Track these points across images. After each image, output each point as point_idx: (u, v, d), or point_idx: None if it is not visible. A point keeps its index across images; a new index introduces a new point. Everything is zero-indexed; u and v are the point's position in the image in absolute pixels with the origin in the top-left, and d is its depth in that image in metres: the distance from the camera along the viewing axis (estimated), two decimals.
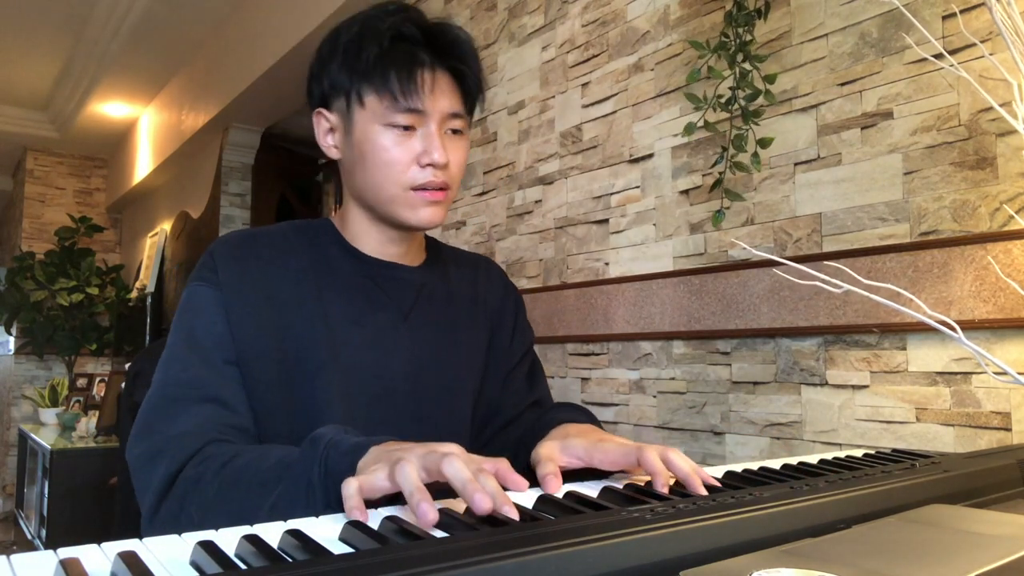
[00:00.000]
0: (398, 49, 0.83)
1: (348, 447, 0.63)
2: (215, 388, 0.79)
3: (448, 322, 0.95)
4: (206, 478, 0.70)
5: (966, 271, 1.25)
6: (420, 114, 0.84)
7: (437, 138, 0.84)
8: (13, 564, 0.41)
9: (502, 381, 1.00)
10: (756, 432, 1.58)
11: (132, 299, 5.74)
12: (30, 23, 4.29)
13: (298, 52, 3.46)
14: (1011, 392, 1.20)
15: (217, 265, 0.85)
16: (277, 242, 0.89)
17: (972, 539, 0.46)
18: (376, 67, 0.83)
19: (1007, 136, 1.23)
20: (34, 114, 5.87)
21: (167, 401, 0.78)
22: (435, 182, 0.85)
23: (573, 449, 0.74)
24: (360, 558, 0.40)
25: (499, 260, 2.34)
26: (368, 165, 0.86)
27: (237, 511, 0.67)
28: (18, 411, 5.89)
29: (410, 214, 0.86)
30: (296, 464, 0.66)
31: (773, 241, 1.57)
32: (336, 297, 0.88)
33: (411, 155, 0.84)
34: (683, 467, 0.65)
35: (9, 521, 5.24)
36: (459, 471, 0.55)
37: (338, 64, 0.86)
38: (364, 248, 0.92)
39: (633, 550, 0.42)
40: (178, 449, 0.74)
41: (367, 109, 0.85)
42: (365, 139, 0.85)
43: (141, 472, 0.75)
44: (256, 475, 0.68)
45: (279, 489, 0.65)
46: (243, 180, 4.65)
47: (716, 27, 1.68)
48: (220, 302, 0.83)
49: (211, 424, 0.76)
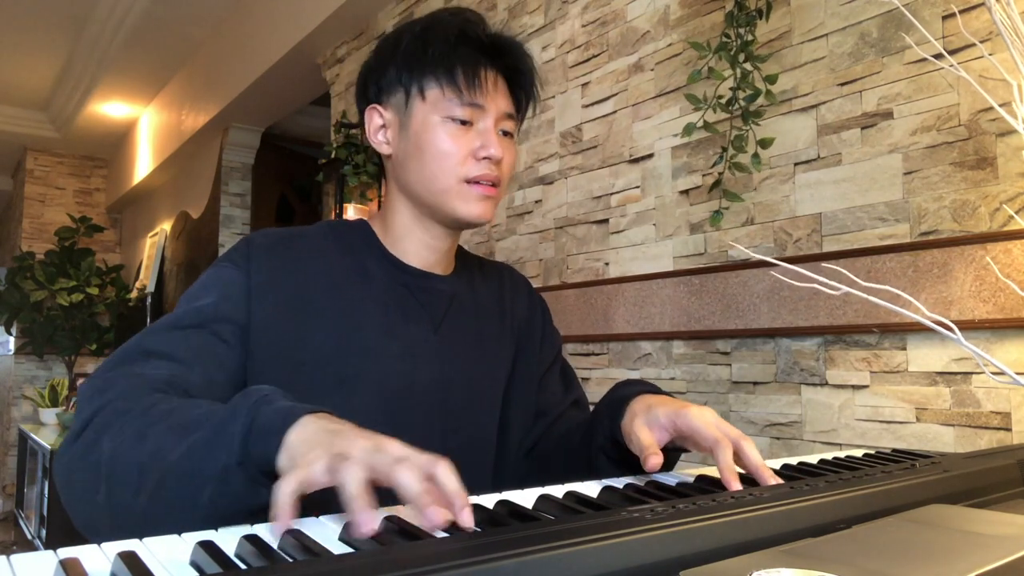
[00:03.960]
0: (463, 47, 0.86)
1: (282, 407, 0.60)
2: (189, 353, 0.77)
3: (475, 333, 0.96)
4: (132, 413, 0.67)
5: (966, 271, 1.25)
6: (480, 109, 0.86)
7: (493, 133, 0.87)
8: (13, 564, 0.41)
9: (537, 386, 1.01)
10: (756, 432, 1.58)
11: (132, 299, 5.74)
12: (30, 23, 4.29)
13: (298, 52, 3.46)
14: (1011, 392, 1.20)
15: (252, 254, 0.85)
16: (314, 244, 0.89)
17: (972, 539, 0.46)
18: (442, 61, 0.85)
19: (1007, 136, 1.23)
20: (34, 114, 5.88)
21: (138, 350, 0.77)
22: (489, 176, 0.86)
23: (658, 420, 0.74)
24: (360, 558, 0.40)
25: (499, 260, 2.34)
26: (425, 156, 0.87)
27: (151, 451, 0.63)
28: (18, 411, 5.89)
29: (463, 207, 0.87)
30: (220, 412, 0.63)
31: (773, 241, 1.57)
32: (371, 306, 0.88)
33: (468, 148, 0.86)
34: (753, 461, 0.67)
35: (9, 521, 5.24)
36: (411, 483, 0.50)
37: (401, 60, 0.88)
38: (402, 254, 0.92)
39: (633, 550, 0.42)
40: (123, 388, 0.72)
41: (427, 102, 0.87)
42: (424, 130, 0.87)
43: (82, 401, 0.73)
44: (179, 419, 0.64)
45: (196, 436, 0.61)
46: (243, 180, 4.65)
47: (716, 27, 1.68)
48: (243, 287, 0.83)
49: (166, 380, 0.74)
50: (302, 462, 0.54)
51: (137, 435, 0.65)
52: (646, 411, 0.76)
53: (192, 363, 0.77)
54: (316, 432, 0.57)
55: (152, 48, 4.53)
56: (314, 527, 0.52)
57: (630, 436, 0.76)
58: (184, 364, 0.77)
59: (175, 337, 0.78)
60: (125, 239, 6.68)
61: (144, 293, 5.46)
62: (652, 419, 0.75)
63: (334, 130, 3.20)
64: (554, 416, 0.99)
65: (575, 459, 0.87)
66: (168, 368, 0.75)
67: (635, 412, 0.78)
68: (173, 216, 5.42)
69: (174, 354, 0.77)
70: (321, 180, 3.27)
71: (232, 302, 0.82)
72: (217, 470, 0.59)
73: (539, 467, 0.96)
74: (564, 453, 0.92)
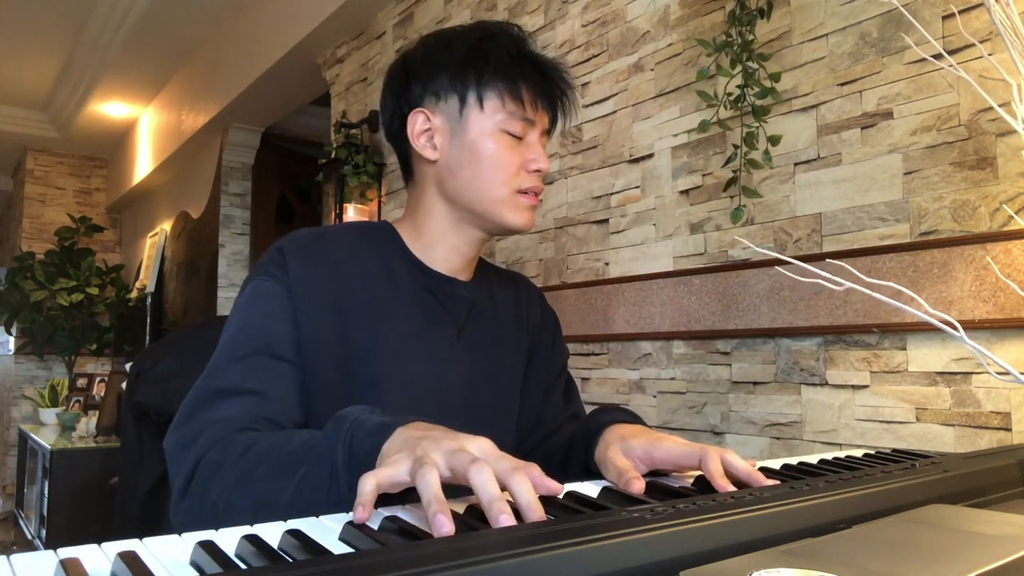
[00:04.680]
0: (523, 63, 0.89)
1: (373, 426, 0.62)
2: (256, 382, 0.79)
3: (494, 340, 0.98)
4: (228, 462, 0.69)
5: (966, 271, 1.25)
6: (531, 125, 0.90)
7: (542, 148, 0.91)
8: (13, 564, 0.41)
9: (542, 395, 1.03)
10: (756, 432, 1.58)
11: (132, 299, 5.73)
12: (30, 23, 4.29)
13: (298, 52, 3.46)
14: (1011, 392, 1.20)
15: (287, 263, 0.85)
16: (345, 245, 0.90)
17: (972, 539, 0.46)
18: (507, 75, 0.88)
19: (1007, 136, 1.23)
20: (34, 114, 5.87)
21: (209, 392, 0.79)
22: (538, 187, 0.91)
23: (633, 451, 0.74)
24: (360, 558, 0.40)
25: (499, 260, 2.34)
26: (482, 165, 0.89)
27: (259, 496, 0.66)
28: (18, 411, 5.89)
29: (513, 216, 0.90)
30: (319, 445, 0.65)
31: (773, 241, 1.57)
32: (398, 309, 0.89)
33: (520, 160, 0.89)
34: (742, 467, 0.67)
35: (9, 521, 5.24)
36: (487, 484, 0.51)
37: (458, 67, 0.89)
38: (428, 259, 0.94)
39: (633, 550, 0.42)
40: (208, 436, 0.73)
41: (485, 112, 0.88)
42: (480, 139, 0.88)
43: (174, 459, 0.75)
44: (278, 458, 0.67)
45: (301, 472, 0.64)
46: (243, 180, 4.65)
47: (716, 27, 1.68)
48: (286, 300, 0.84)
49: (247, 415, 0.76)
50: (388, 462, 0.57)
51: (241, 482, 0.67)
52: (620, 440, 0.77)
53: (264, 391, 0.79)
54: (405, 439, 0.59)
55: (152, 48, 4.53)
56: (314, 527, 0.52)
57: (605, 465, 0.76)
58: (258, 395, 0.79)
59: (240, 369, 0.80)
60: (125, 239, 6.68)
61: (144, 293, 5.46)
62: (627, 449, 0.75)
63: (334, 130, 3.20)
64: (551, 428, 1.01)
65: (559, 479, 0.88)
66: (245, 403, 0.77)
67: (608, 442, 0.78)
68: (173, 216, 5.41)
69: (246, 387, 0.79)
70: (321, 180, 3.27)
71: (280, 319, 0.83)
72: (330, 503, 0.61)
73: None
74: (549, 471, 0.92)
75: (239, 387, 0.78)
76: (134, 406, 1.11)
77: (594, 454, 0.80)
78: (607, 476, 0.75)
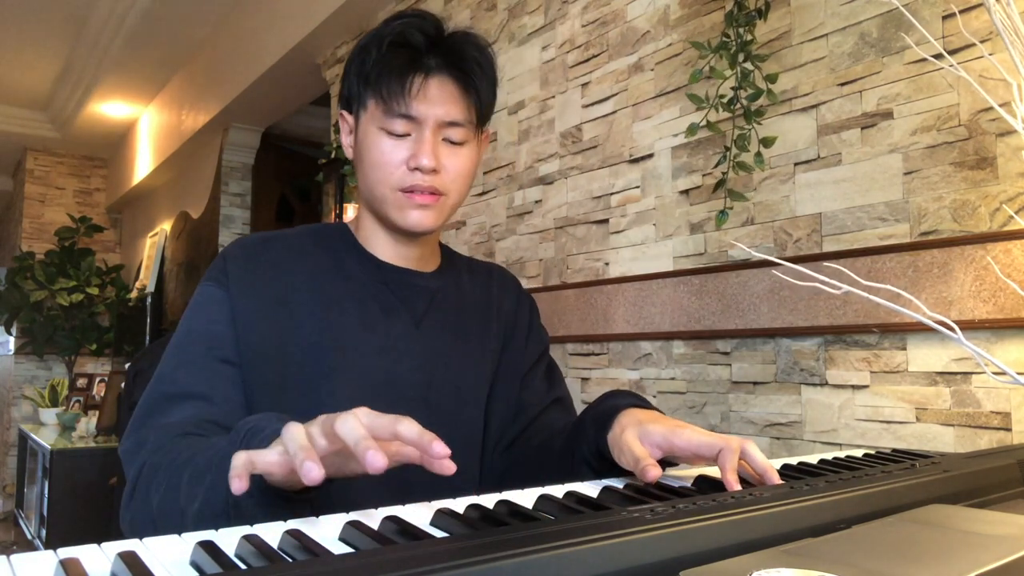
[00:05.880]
0: (396, 55, 0.85)
1: (271, 431, 0.61)
2: (201, 385, 0.81)
3: (460, 328, 0.96)
4: (162, 468, 0.71)
5: (966, 271, 1.25)
6: (413, 120, 0.85)
7: (428, 144, 0.85)
8: (13, 564, 0.41)
9: (519, 382, 1.01)
10: (756, 432, 1.58)
11: (132, 299, 5.73)
12: (30, 23, 4.29)
13: (298, 52, 3.46)
14: (1011, 392, 1.20)
15: (228, 267, 0.87)
16: (292, 245, 0.91)
17: (972, 539, 0.46)
18: (372, 72, 0.85)
19: (1007, 136, 1.23)
20: (34, 114, 5.87)
21: (158, 397, 0.81)
22: (422, 186, 0.86)
23: (652, 437, 0.72)
24: (360, 558, 0.40)
25: (499, 260, 2.34)
26: (365, 166, 0.88)
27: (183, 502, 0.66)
28: (18, 411, 5.89)
29: (399, 215, 0.88)
30: (223, 450, 0.65)
31: (773, 241, 1.57)
32: (350, 303, 0.89)
33: (401, 158, 0.86)
34: (760, 462, 0.67)
35: (9, 521, 5.24)
36: (352, 428, 0.53)
37: (353, 70, 0.89)
38: (378, 253, 0.93)
39: (633, 550, 0.42)
40: (153, 441, 0.76)
41: (368, 113, 0.87)
42: (364, 141, 0.88)
43: (126, 463, 0.78)
44: (197, 465, 0.68)
45: (209, 477, 0.65)
46: (243, 180, 4.65)
47: (716, 27, 1.68)
48: (225, 302, 0.85)
49: (192, 419, 0.78)
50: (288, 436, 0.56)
51: (170, 488, 0.69)
52: (637, 425, 0.75)
53: (209, 395, 0.81)
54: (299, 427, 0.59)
55: (152, 48, 4.53)
56: (314, 527, 0.52)
57: (620, 449, 0.74)
58: (204, 398, 0.80)
59: (186, 373, 0.82)
60: (125, 239, 6.68)
61: (144, 293, 5.46)
62: (644, 434, 0.73)
63: (334, 130, 3.20)
64: (534, 413, 0.99)
65: (554, 464, 0.86)
66: (191, 408, 0.79)
67: (624, 425, 0.76)
68: (173, 216, 5.41)
69: (192, 391, 0.80)
70: (321, 180, 3.27)
71: (221, 322, 0.84)
72: (229, 507, 0.61)
73: (516, 465, 0.96)
74: (544, 456, 0.91)
75: (185, 391, 0.80)
76: (134, 406, 1.11)
77: (607, 436, 0.77)
78: (620, 460, 0.73)
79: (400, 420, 0.55)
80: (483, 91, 0.89)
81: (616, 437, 0.75)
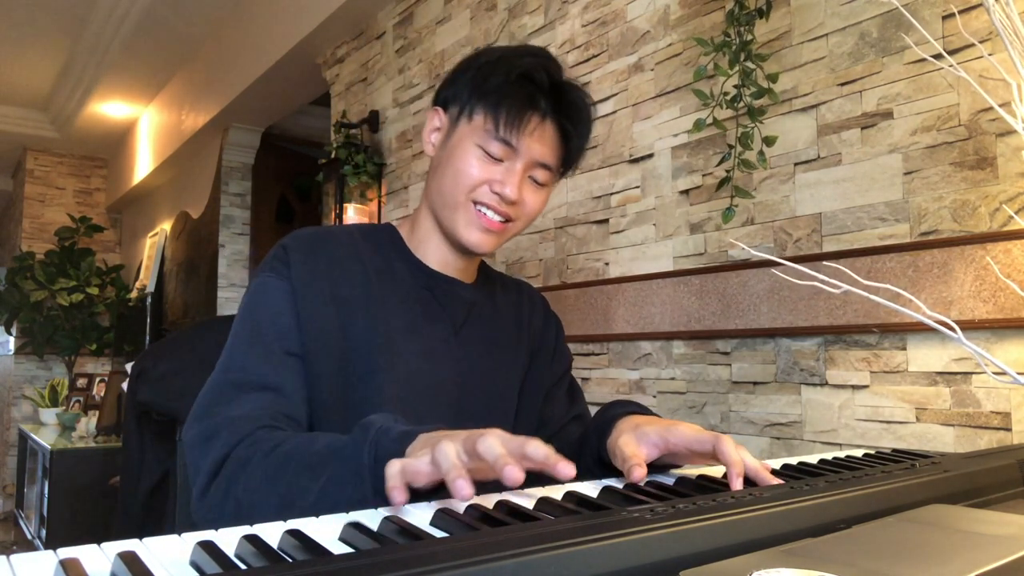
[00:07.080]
0: (521, 87, 0.88)
1: (398, 434, 0.65)
2: (273, 377, 0.82)
3: (493, 340, 0.99)
4: (255, 460, 0.72)
5: (966, 271, 1.25)
6: (512, 150, 0.89)
7: (518, 177, 0.89)
8: (13, 564, 0.41)
9: (543, 397, 1.04)
10: (756, 432, 1.58)
11: (132, 299, 5.73)
12: (30, 23, 4.29)
13: (298, 52, 3.46)
14: (1011, 392, 1.20)
15: (290, 259, 0.88)
16: (345, 243, 0.93)
17: (972, 539, 0.46)
18: (494, 93, 0.88)
19: (1007, 136, 1.23)
20: (34, 114, 5.87)
21: (226, 385, 0.81)
22: (496, 207, 0.89)
23: (648, 436, 0.76)
24: (360, 558, 0.40)
25: (499, 260, 2.34)
26: (448, 170, 0.90)
27: (285, 494, 0.68)
28: (18, 411, 5.88)
29: (464, 230, 0.90)
30: (346, 448, 0.67)
31: (773, 241, 1.57)
32: (396, 305, 0.91)
33: (487, 177, 0.89)
34: (752, 464, 0.69)
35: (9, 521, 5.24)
36: (492, 446, 0.56)
37: (468, 79, 0.91)
38: (427, 258, 0.96)
39: (633, 550, 0.42)
40: (231, 432, 0.75)
41: (471, 125, 0.90)
42: (458, 147, 0.90)
43: (195, 452, 0.77)
44: (305, 459, 0.69)
45: (328, 473, 0.66)
46: (243, 180, 4.65)
47: (716, 27, 1.68)
48: (289, 294, 0.86)
49: (265, 411, 0.79)
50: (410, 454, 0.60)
51: (268, 480, 0.70)
52: (634, 429, 0.78)
53: (281, 386, 0.82)
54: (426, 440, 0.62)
55: (152, 48, 4.52)
56: (314, 527, 0.52)
57: (614, 452, 0.77)
58: (275, 390, 0.81)
59: (255, 363, 0.82)
60: (125, 239, 6.68)
61: (144, 293, 5.46)
62: (641, 435, 0.76)
63: (334, 130, 3.20)
64: (555, 428, 1.03)
65: None
66: (263, 399, 0.80)
67: (621, 430, 0.80)
68: (173, 216, 5.41)
69: (263, 381, 0.81)
70: (321, 180, 3.26)
71: (286, 314, 0.85)
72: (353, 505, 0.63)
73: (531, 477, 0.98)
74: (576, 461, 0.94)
75: (256, 381, 0.81)
76: (136, 406, 1.11)
77: (607, 443, 0.81)
78: (615, 463, 0.76)
79: (528, 442, 0.58)
80: (578, 144, 0.93)
81: (613, 442, 0.79)
